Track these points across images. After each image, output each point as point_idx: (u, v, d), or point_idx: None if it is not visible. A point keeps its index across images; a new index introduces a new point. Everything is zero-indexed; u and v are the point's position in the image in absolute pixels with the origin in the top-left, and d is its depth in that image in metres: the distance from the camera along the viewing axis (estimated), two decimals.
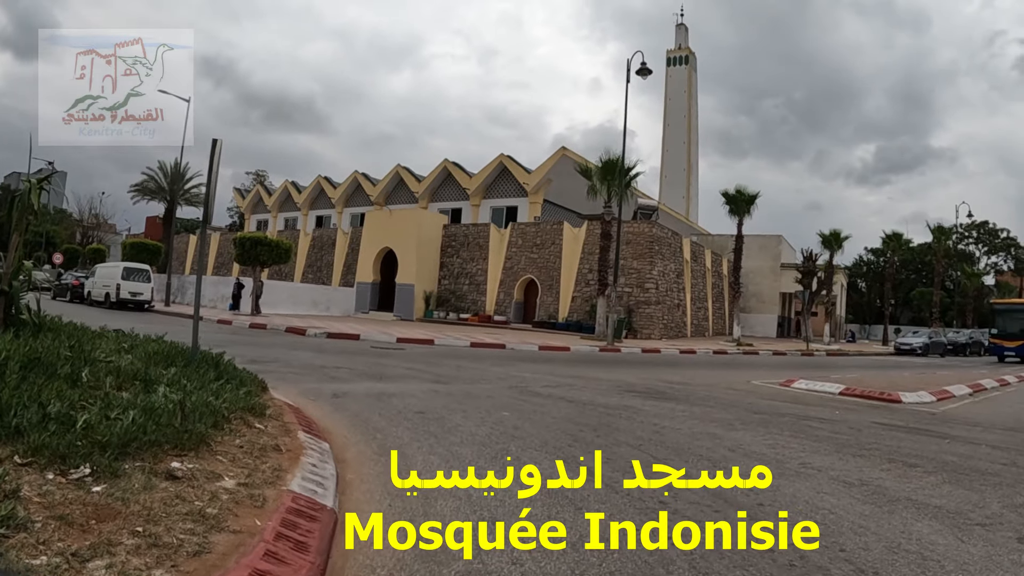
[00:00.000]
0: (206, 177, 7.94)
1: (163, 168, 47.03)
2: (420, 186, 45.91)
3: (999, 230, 77.21)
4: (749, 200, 33.63)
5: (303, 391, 8.46)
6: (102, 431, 3.73)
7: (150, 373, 5.57)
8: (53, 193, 12.87)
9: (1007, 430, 9.22)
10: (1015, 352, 32.70)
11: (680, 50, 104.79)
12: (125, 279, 29.27)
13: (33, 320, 6.84)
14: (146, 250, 40.81)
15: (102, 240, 71.27)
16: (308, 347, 16.18)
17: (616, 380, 12.51)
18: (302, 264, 47.18)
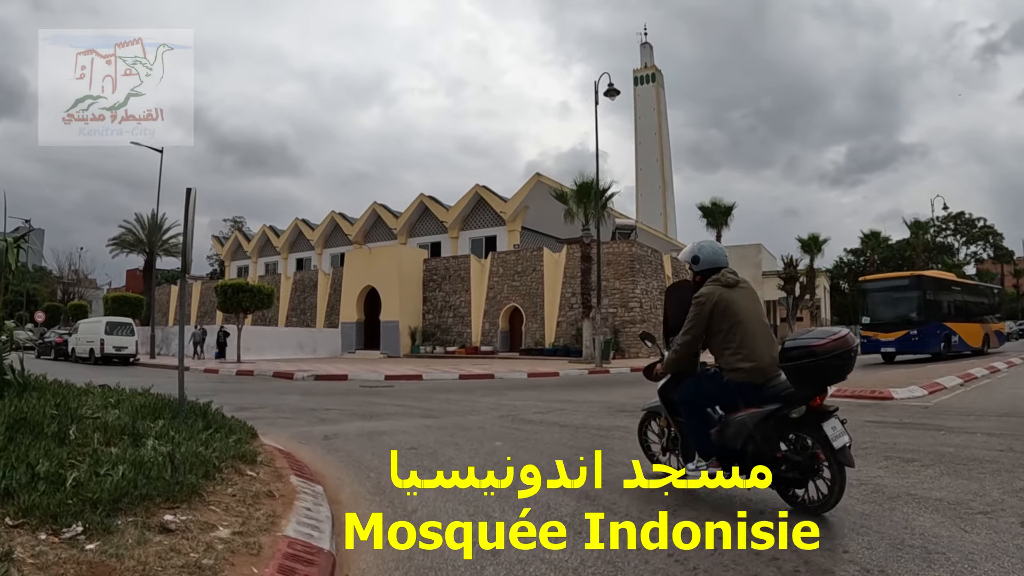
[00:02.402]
0: (183, 227, 7.95)
1: (140, 220, 47.02)
2: (398, 222, 46.02)
3: (976, 220, 78.41)
4: (725, 211, 33.99)
5: (294, 435, 8.41)
6: (92, 488, 3.70)
7: (138, 427, 5.53)
8: (31, 251, 12.74)
9: (1001, 416, 9.32)
10: (895, 347, 24.01)
11: (646, 68, 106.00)
12: (108, 334, 29.14)
13: (17, 380, 6.78)
14: (128, 303, 40.60)
15: (83, 296, 70.58)
16: (296, 391, 16.08)
17: (607, 401, 12.52)
18: (285, 308, 46.96)
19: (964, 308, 26.87)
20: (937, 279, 26.34)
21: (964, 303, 27.14)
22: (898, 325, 24.06)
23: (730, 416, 4.71)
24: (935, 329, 23.67)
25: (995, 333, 29.42)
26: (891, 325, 24.28)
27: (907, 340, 23.53)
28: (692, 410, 4.99)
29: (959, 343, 25.19)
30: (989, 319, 29.18)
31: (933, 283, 25.28)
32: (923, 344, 23.37)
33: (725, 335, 4.78)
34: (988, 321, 28.85)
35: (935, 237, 71.15)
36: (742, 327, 4.75)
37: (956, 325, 25.18)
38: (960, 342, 25.31)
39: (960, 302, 26.82)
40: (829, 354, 4.30)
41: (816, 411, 4.46)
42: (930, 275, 26.83)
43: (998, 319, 31.16)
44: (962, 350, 25.41)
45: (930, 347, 23.47)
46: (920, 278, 25.03)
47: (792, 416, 4.49)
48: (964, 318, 26.32)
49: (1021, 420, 8.92)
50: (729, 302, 4.81)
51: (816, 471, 4.45)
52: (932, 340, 23.43)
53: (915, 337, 23.30)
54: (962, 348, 25.47)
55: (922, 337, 23.30)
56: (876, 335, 24.67)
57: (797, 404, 4.46)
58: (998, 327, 30.17)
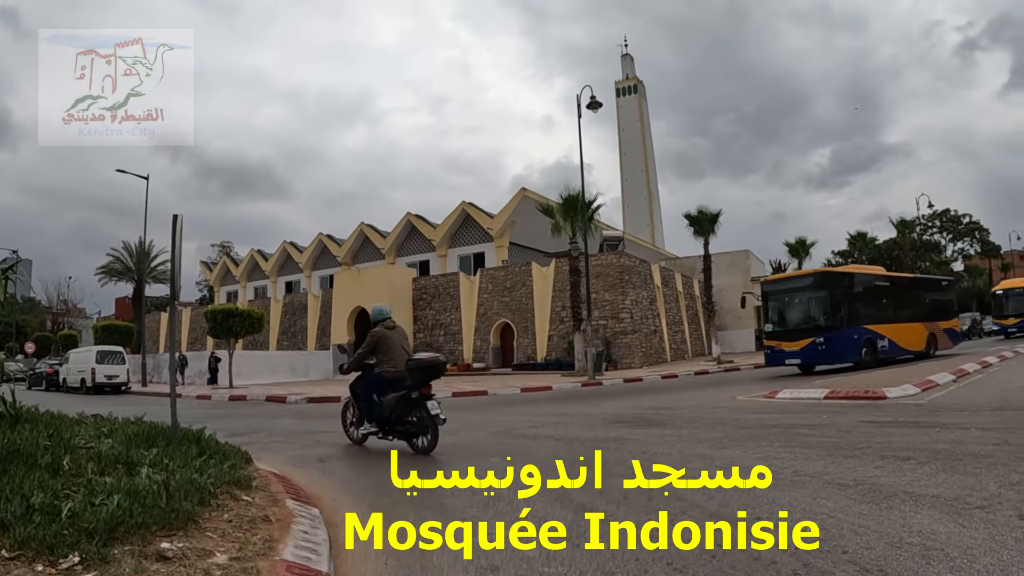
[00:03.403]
0: (170, 253, 7.94)
1: (128, 248, 46.82)
2: (386, 242, 46.03)
3: (961, 216, 78.90)
4: (712, 219, 33.96)
5: (288, 458, 8.38)
6: (88, 518, 3.69)
7: (132, 455, 5.51)
8: (20, 282, 12.69)
9: (994, 410, 9.35)
10: (800, 358, 20.69)
11: (628, 80, 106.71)
12: (99, 363, 29.02)
13: (9, 412, 6.74)
14: (118, 332, 40.41)
15: (73, 325, 70.19)
16: (289, 414, 16.02)
17: (601, 413, 12.51)
18: (276, 331, 46.78)
19: (897, 306, 23.36)
20: (851, 275, 22.71)
21: (897, 301, 23.58)
22: (803, 332, 20.69)
23: (383, 399, 8.58)
24: (850, 334, 20.31)
25: (945, 332, 25.79)
26: (796, 332, 20.95)
27: (813, 349, 20.21)
28: (365, 395, 8.96)
29: (889, 348, 21.77)
30: (939, 316, 25.64)
31: (843, 280, 21.84)
32: (833, 353, 20.18)
33: (383, 353, 8.70)
34: (937, 319, 25.30)
35: (922, 235, 71.62)
36: (391, 350, 8.69)
37: (885, 327, 21.76)
38: (892, 346, 21.89)
39: (891, 300, 23.26)
40: (427, 365, 8.38)
41: (424, 395, 8.29)
42: (840, 271, 24.19)
43: (951, 316, 27.31)
44: (895, 355, 22.20)
45: (844, 355, 20.39)
46: (825, 275, 21.99)
47: (413, 397, 8.28)
48: (897, 318, 22.82)
49: (1015, 414, 8.94)
50: (385, 336, 8.78)
51: (426, 429, 8.26)
52: (846, 347, 20.23)
53: (822, 345, 19.99)
54: (895, 353, 22.15)
55: (831, 345, 19.97)
56: (780, 344, 21.41)
57: (414, 390, 8.27)
58: (949, 324, 26.41)
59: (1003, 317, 38.36)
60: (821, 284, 21.20)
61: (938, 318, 25.39)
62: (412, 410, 8.26)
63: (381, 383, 8.57)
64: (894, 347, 21.97)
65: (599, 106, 26.49)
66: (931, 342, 24.18)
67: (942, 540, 3.83)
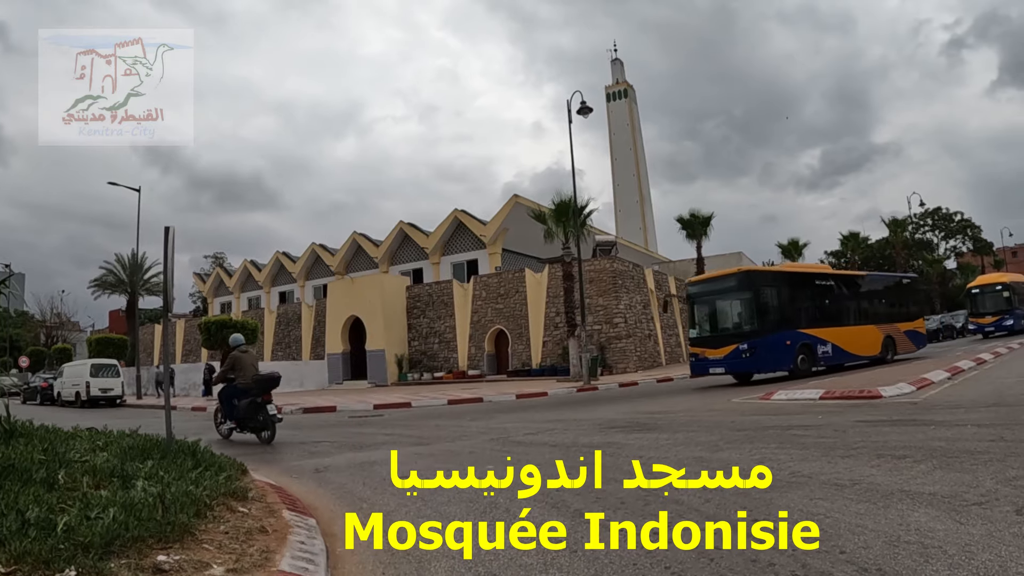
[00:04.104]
0: (163, 266, 7.92)
1: (121, 261, 46.74)
2: (379, 251, 46.02)
3: (953, 214, 79.18)
4: (704, 222, 34.21)
5: (284, 469, 8.36)
6: (84, 532, 3.67)
7: (127, 468, 5.49)
8: (12, 296, 12.68)
9: (990, 407, 9.36)
10: (724, 366, 18.85)
11: (618, 85, 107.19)
12: (94, 376, 28.92)
13: (4, 426, 6.73)
14: (112, 345, 40.31)
15: (67, 339, 70.15)
16: (285, 424, 15.89)
17: (597, 418, 12.51)
18: (270, 342, 46.70)
19: (844, 308, 21.41)
20: (779, 274, 21.07)
21: (843, 301, 21.57)
22: (727, 338, 18.72)
23: (240, 402, 11.52)
24: (779, 339, 18.31)
25: (906, 334, 23.34)
26: (719, 339, 18.95)
27: (736, 357, 18.24)
28: (227, 401, 11.87)
29: (833, 353, 19.74)
30: (899, 318, 23.34)
31: (770, 280, 19.97)
32: (758, 361, 18.26)
33: (238, 370, 11.66)
34: (895, 320, 23.01)
35: (914, 234, 71.91)
36: (243, 368, 11.67)
37: (827, 331, 19.73)
38: (837, 352, 19.89)
39: (835, 301, 21.21)
40: (266, 378, 11.58)
41: (265, 401, 11.35)
42: (766, 269, 22.49)
43: (914, 317, 24.58)
44: (842, 361, 20.33)
45: (773, 363, 18.56)
46: (748, 275, 19.58)
47: (258, 402, 11.35)
48: (844, 320, 20.90)
49: (1010, 409, 8.95)
50: (239, 358, 11.74)
51: (267, 425, 11.36)
52: (774, 354, 18.29)
53: (745, 353, 17.99)
54: (841, 359, 20.25)
55: (756, 352, 17.98)
56: (704, 352, 19.40)
57: (258, 397, 11.36)
58: (911, 326, 23.85)
59: (979, 315, 36.39)
60: (745, 285, 19.03)
61: (897, 319, 23.22)
62: (258, 412, 11.45)
63: (237, 392, 11.69)
64: (840, 352, 20.10)
65: (589, 111, 26.55)
66: (888, 346, 22.05)
67: (940, 538, 3.82)
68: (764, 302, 18.64)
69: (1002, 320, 34.74)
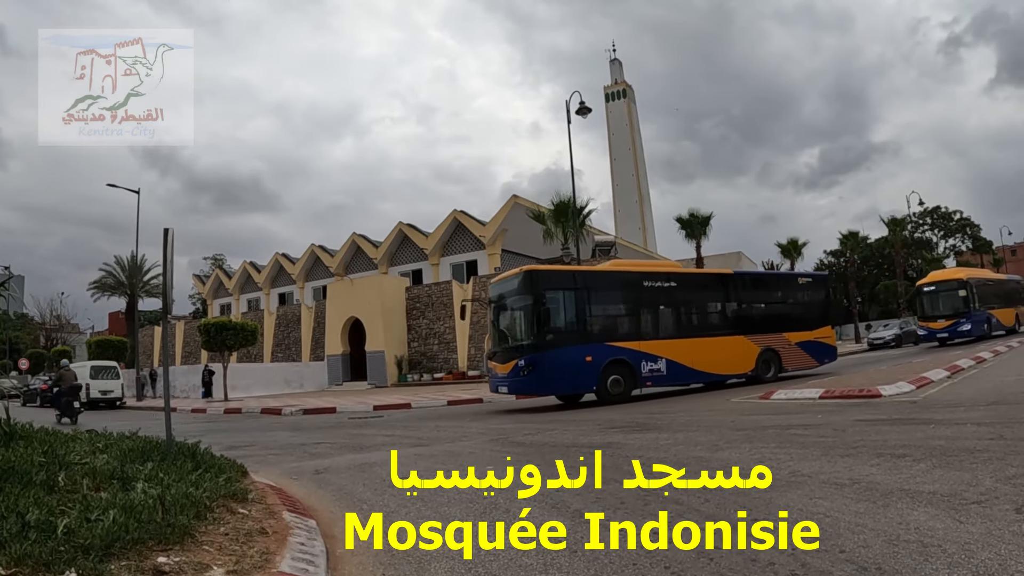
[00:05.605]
0: (162, 268, 7.91)
1: (120, 263, 46.80)
2: (378, 252, 46.02)
3: (952, 212, 79.15)
4: (703, 222, 34.17)
5: (284, 471, 8.34)
6: (84, 534, 3.67)
7: (127, 471, 5.49)
8: (12, 298, 12.69)
9: (989, 405, 9.34)
10: (507, 386, 15.84)
11: (616, 85, 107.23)
12: (94, 378, 28.93)
13: (4, 429, 6.72)
14: (112, 347, 40.33)
15: (66, 341, 70.19)
16: (285, 426, 15.97)
17: (597, 418, 12.50)
18: (270, 343, 46.70)
19: (692, 314, 17.95)
20: (573, 274, 17.15)
21: (690, 306, 17.93)
22: (510, 351, 15.72)
23: (62, 400, 19.40)
24: (573, 355, 15.20)
25: (801, 346, 19.15)
26: (504, 352, 15.99)
27: (516, 376, 15.23)
28: (58, 398, 19.98)
29: (669, 372, 16.34)
30: (791, 326, 19.11)
31: (563, 280, 16.42)
32: (542, 380, 15.12)
33: (63, 381, 19.65)
34: (785, 329, 18.89)
35: (913, 233, 71.90)
36: (66, 380, 19.57)
37: (660, 344, 16.40)
38: (677, 370, 16.47)
39: (675, 305, 17.54)
40: (72, 387, 19.60)
41: (74, 399, 19.39)
42: (554, 269, 19.24)
43: (816, 325, 19.91)
44: (687, 380, 17.06)
45: (563, 384, 15.53)
46: (529, 275, 15.76)
47: (71, 400, 19.15)
48: (693, 330, 17.47)
49: (1009, 408, 8.94)
50: (64, 374, 19.92)
51: (75, 415, 18.84)
52: (565, 374, 15.13)
53: (524, 371, 15.02)
54: (685, 378, 16.93)
55: (536, 370, 14.91)
56: (495, 367, 16.44)
57: (70, 396, 19.23)
58: (810, 336, 19.51)
59: (931, 319, 30.55)
60: (526, 288, 15.54)
61: (788, 328, 18.98)
62: (70, 407, 18.85)
63: (63, 393, 19.37)
64: (682, 370, 16.61)
65: (588, 111, 26.54)
66: (768, 361, 18.24)
67: (939, 536, 3.81)
68: (548, 308, 15.06)
69: (958, 324, 29.07)
